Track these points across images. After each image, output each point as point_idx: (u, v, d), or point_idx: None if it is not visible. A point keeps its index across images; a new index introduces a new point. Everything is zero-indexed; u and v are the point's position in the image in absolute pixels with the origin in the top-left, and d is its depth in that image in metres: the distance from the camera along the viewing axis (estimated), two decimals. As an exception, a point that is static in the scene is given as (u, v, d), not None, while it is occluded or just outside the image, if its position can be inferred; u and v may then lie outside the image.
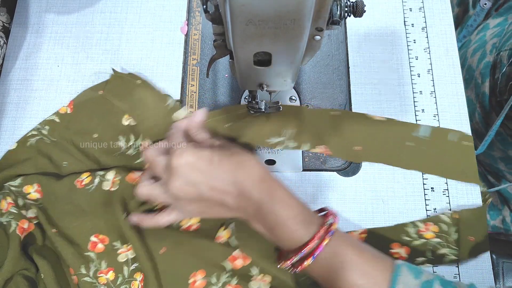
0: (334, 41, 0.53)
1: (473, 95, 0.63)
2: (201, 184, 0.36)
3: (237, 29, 0.28)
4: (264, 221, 0.37)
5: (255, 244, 0.42)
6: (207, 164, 0.37)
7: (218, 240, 0.43)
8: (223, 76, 0.52)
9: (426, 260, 0.44)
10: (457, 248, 0.44)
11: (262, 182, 0.37)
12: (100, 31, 0.54)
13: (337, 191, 0.47)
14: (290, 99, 0.50)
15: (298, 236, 0.36)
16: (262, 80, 0.38)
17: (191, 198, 0.37)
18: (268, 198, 0.37)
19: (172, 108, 0.48)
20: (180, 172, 0.36)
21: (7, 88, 0.51)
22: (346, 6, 0.32)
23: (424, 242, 0.44)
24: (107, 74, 0.50)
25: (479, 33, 0.66)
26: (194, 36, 0.54)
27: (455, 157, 0.47)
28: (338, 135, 0.47)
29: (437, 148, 0.47)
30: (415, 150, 0.47)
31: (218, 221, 0.44)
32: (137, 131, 0.47)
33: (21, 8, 0.55)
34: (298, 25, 0.28)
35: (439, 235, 0.45)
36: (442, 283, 0.34)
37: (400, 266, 0.35)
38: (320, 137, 0.47)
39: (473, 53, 0.64)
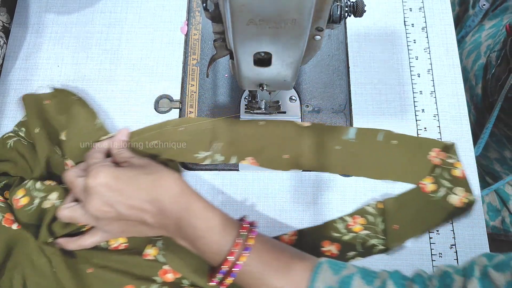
0: (334, 41, 0.53)
1: (468, 97, 0.63)
2: (118, 203, 0.36)
3: (237, 29, 0.28)
4: (185, 235, 0.38)
5: (183, 260, 0.42)
6: (123, 183, 0.37)
7: (146, 257, 0.43)
8: (223, 76, 0.52)
9: (356, 253, 0.44)
10: (384, 237, 0.44)
11: (179, 197, 0.37)
12: (100, 31, 0.54)
13: (337, 191, 0.47)
14: (290, 99, 0.50)
15: (219, 247, 0.36)
16: (262, 80, 0.38)
17: (110, 218, 0.38)
18: (186, 213, 0.37)
19: (98, 129, 0.48)
20: (96, 192, 0.37)
21: (7, 88, 0.51)
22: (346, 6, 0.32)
23: (354, 235, 0.45)
24: (50, 88, 0.50)
25: (474, 34, 0.67)
26: (194, 36, 0.54)
27: (384, 157, 0.47)
28: (265, 145, 0.47)
29: (365, 150, 0.47)
30: (343, 154, 0.47)
31: (146, 239, 0.44)
32: (63, 148, 0.47)
33: (21, 8, 0.55)
34: (299, 25, 0.28)
35: (367, 227, 0.45)
36: (363, 275, 0.34)
37: (322, 264, 0.35)
38: (247, 149, 0.47)
39: (468, 54, 0.64)
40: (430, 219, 0.45)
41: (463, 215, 0.45)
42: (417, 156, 0.47)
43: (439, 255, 0.44)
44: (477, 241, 0.45)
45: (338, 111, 0.50)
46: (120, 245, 0.44)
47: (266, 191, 0.47)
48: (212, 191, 0.47)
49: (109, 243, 0.44)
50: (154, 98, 0.51)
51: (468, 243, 0.45)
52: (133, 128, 0.49)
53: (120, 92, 0.51)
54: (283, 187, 0.47)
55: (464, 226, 0.45)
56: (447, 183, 0.45)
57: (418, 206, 0.45)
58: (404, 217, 0.45)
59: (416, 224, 0.45)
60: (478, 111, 0.62)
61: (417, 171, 0.46)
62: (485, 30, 0.65)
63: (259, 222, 0.46)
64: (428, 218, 0.45)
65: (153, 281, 0.42)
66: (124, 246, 0.44)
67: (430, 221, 0.45)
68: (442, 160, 0.46)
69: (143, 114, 0.50)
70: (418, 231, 0.44)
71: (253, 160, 0.47)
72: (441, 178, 0.46)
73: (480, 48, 0.63)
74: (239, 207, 0.47)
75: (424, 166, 0.46)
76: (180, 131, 0.47)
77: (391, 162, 0.47)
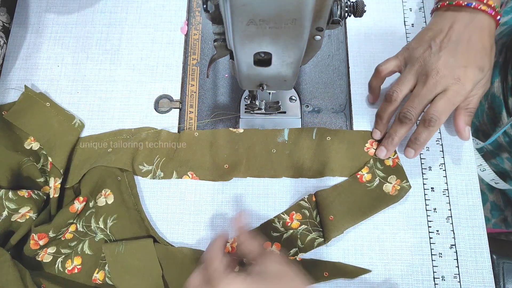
0: (334, 41, 0.53)
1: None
2: None
3: (238, 29, 0.28)
4: None
5: (128, 282, 0.42)
6: None
7: (95, 282, 0.44)
8: (223, 76, 0.52)
9: (297, 250, 0.44)
10: (321, 230, 0.44)
11: None
12: (100, 31, 0.54)
13: (337, 191, 0.47)
14: (290, 99, 0.50)
15: None
16: (262, 80, 0.38)
17: None
18: None
19: (78, 127, 0.48)
20: None
21: (6, 89, 0.51)
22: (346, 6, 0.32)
23: (292, 232, 0.45)
24: (20, 91, 0.50)
25: None
26: (194, 36, 0.54)
27: (321, 155, 0.47)
28: (202, 157, 0.47)
29: (300, 150, 0.47)
30: (279, 156, 0.47)
31: (95, 263, 0.44)
32: (44, 152, 0.47)
33: (21, 8, 0.55)
34: (299, 25, 0.28)
35: (304, 221, 0.45)
36: None
37: None
38: (186, 164, 0.47)
39: None
40: (367, 207, 0.45)
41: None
42: (353, 149, 0.47)
43: (439, 255, 0.44)
44: (477, 241, 0.45)
45: (338, 111, 0.50)
46: (74, 267, 0.44)
47: (266, 191, 0.47)
48: (212, 191, 0.47)
49: (65, 265, 0.44)
50: (154, 98, 0.51)
51: (468, 243, 0.45)
52: (133, 128, 0.49)
53: (120, 92, 0.51)
54: (283, 187, 0.47)
55: (464, 226, 0.45)
56: (380, 172, 0.46)
57: (355, 195, 0.45)
58: (340, 207, 0.45)
59: (353, 213, 0.45)
60: (492, 111, 0.61)
61: (356, 164, 0.47)
62: (498, 27, 0.64)
63: (258, 222, 0.46)
64: (365, 206, 0.45)
65: None
66: (77, 269, 0.44)
67: (367, 210, 0.45)
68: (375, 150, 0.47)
69: (143, 114, 0.50)
70: (355, 220, 0.45)
71: (193, 174, 0.47)
72: (375, 168, 0.46)
73: (495, 45, 0.61)
74: (239, 207, 0.47)
75: (361, 158, 0.47)
76: (128, 139, 0.48)
77: (328, 159, 0.47)
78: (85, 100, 0.51)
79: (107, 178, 0.46)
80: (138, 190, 0.46)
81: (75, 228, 0.45)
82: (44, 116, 0.49)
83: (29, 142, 0.48)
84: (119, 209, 0.45)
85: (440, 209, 0.46)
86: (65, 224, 0.44)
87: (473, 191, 0.47)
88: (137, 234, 0.45)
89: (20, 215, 0.43)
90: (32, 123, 0.48)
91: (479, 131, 0.60)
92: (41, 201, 0.45)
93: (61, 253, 0.44)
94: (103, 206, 0.46)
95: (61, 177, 0.46)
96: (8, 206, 0.43)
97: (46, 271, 0.44)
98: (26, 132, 0.48)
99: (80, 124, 0.49)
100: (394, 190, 0.45)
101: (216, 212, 0.46)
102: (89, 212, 0.46)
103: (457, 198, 0.47)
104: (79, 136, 0.49)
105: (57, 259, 0.44)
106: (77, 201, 0.45)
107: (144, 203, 0.46)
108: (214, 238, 0.39)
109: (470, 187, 0.47)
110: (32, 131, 0.48)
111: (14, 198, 0.43)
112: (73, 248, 0.45)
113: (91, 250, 0.44)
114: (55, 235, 0.44)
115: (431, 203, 0.46)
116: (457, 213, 0.46)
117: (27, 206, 0.43)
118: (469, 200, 0.47)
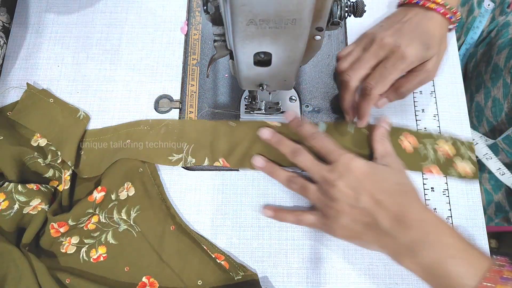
0: (334, 41, 0.53)
1: (500, 95, 0.61)
2: (365, 193, 0.36)
3: (238, 29, 0.28)
4: (423, 255, 0.34)
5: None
6: (379, 175, 0.37)
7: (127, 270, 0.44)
8: (223, 76, 0.52)
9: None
10: None
11: (428, 213, 0.36)
12: (100, 31, 0.54)
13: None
14: (290, 99, 0.50)
15: (473, 271, 0.33)
16: (262, 80, 0.38)
17: (348, 204, 0.37)
18: (434, 228, 0.35)
19: (83, 118, 0.49)
20: (349, 170, 0.37)
21: (9, 87, 0.51)
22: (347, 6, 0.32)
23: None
24: (22, 89, 0.50)
25: (501, 30, 0.65)
26: (194, 36, 0.54)
27: (357, 146, 0.47)
28: (236, 145, 0.47)
29: (338, 142, 0.47)
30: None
31: (122, 251, 0.45)
32: (52, 148, 0.48)
33: (21, 8, 0.55)
34: (299, 25, 0.28)
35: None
36: None
37: None
38: (217, 151, 0.47)
39: (499, 51, 0.62)
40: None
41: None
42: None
43: (439, 255, 0.45)
44: (477, 241, 0.45)
45: (338, 111, 0.50)
46: (100, 256, 0.44)
47: (266, 191, 0.47)
48: (212, 191, 0.47)
49: (90, 254, 0.44)
50: (154, 98, 0.51)
51: (468, 243, 0.45)
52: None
53: (120, 92, 0.51)
54: (283, 187, 0.47)
55: (464, 226, 0.45)
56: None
57: None
58: None
59: None
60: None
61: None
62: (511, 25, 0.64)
63: (259, 222, 0.46)
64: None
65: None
66: (103, 257, 0.44)
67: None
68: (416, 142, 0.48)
69: (143, 114, 0.50)
70: None
71: (224, 161, 0.47)
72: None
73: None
74: (239, 207, 0.47)
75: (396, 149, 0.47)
76: (147, 131, 0.48)
77: (367, 151, 0.47)
78: (85, 100, 0.51)
79: (128, 170, 0.47)
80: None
81: (98, 219, 0.46)
82: (49, 112, 0.49)
83: (35, 138, 0.48)
84: (142, 200, 0.46)
85: (440, 209, 0.46)
86: (83, 213, 0.45)
87: (473, 191, 0.47)
88: (162, 223, 0.45)
89: (32, 207, 0.44)
90: (38, 120, 0.48)
91: (496, 130, 0.60)
92: (50, 193, 0.45)
93: (85, 243, 0.45)
94: (126, 199, 0.46)
95: (70, 169, 0.46)
96: (18, 199, 0.43)
97: (70, 262, 0.44)
98: (32, 129, 0.48)
99: (85, 115, 0.49)
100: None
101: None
102: (112, 204, 0.46)
103: (457, 198, 0.47)
104: (86, 128, 0.49)
105: (81, 249, 0.45)
106: (95, 191, 0.45)
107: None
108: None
109: (470, 187, 0.47)
110: (38, 128, 0.48)
111: (24, 191, 0.43)
112: (96, 238, 0.45)
113: (115, 240, 0.45)
114: (75, 223, 0.44)
115: (431, 203, 0.46)
116: (457, 213, 0.46)
117: (37, 198, 0.44)
118: (469, 200, 0.47)
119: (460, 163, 0.47)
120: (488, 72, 0.62)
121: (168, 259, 0.44)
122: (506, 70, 0.59)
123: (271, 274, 0.44)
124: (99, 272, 0.44)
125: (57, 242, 0.45)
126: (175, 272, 0.44)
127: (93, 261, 0.44)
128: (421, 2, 0.44)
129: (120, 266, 0.44)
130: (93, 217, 0.46)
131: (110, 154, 0.47)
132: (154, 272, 0.44)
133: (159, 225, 0.45)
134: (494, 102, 0.61)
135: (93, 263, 0.44)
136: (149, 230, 0.45)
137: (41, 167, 0.47)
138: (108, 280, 0.44)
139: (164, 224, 0.45)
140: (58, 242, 0.45)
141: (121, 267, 0.44)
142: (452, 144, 0.48)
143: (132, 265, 0.44)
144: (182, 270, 0.44)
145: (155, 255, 0.44)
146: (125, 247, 0.45)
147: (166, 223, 0.45)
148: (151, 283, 0.43)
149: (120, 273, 0.44)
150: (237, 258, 0.45)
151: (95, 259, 0.44)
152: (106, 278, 0.44)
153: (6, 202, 0.43)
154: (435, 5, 0.43)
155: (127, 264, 0.44)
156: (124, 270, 0.44)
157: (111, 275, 0.44)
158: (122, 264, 0.44)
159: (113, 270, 0.44)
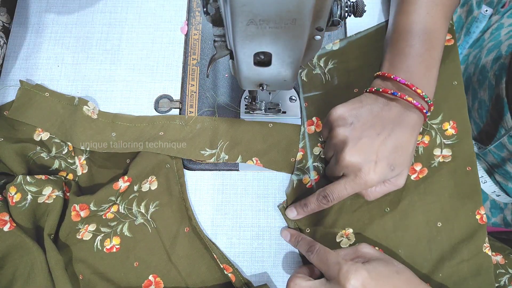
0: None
1: (486, 97, 0.61)
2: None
3: (238, 29, 0.28)
4: None
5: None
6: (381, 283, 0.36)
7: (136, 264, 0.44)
8: (223, 76, 0.52)
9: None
10: None
11: None
12: (100, 31, 0.54)
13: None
14: (290, 99, 0.50)
15: None
16: (262, 80, 0.38)
17: None
18: None
19: (79, 103, 0.49)
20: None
21: (7, 88, 0.51)
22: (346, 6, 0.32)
23: None
24: (15, 87, 0.50)
25: (493, 32, 0.65)
26: (194, 36, 0.54)
27: None
28: (271, 147, 0.48)
29: None
30: None
31: (135, 245, 0.45)
32: (56, 141, 0.48)
33: (21, 8, 0.55)
34: (299, 25, 0.28)
35: None
36: None
37: None
38: (253, 149, 0.47)
39: (487, 53, 0.63)
40: None
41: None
42: None
43: (439, 255, 0.45)
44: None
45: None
46: (113, 246, 0.45)
47: (266, 191, 0.47)
48: (212, 191, 0.47)
49: (104, 243, 0.44)
50: (154, 98, 0.51)
51: (468, 243, 0.45)
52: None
53: (120, 92, 0.51)
54: (283, 187, 0.47)
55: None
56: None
57: None
58: None
59: None
60: (498, 112, 0.61)
61: None
62: (504, 28, 0.64)
63: (259, 222, 0.46)
64: None
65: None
66: (116, 249, 0.45)
67: None
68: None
69: (143, 114, 0.50)
70: None
71: (257, 161, 0.47)
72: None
73: (501, 47, 0.61)
74: (239, 207, 0.47)
75: None
76: (182, 126, 0.48)
77: None
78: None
79: (156, 164, 0.47)
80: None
81: (117, 209, 0.46)
82: (47, 105, 0.49)
83: (37, 133, 0.48)
84: (163, 196, 0.46)
85: (440, 209, 0.46)
86: (106, 200, 0.45)
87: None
88: (178, 223, 0.45)
89: (46, 196, 0.44)
90: (37, 115, 0.48)
91: (483, 132, 0.60)
92: (60, 181, 0.45)
93: (101, 232, 0.45)
94: (147, 191, 0.46)
95: (83, 154, 0.47)
96: (29, 189, 0.43)
97: (84, 249, 0.44)
98: (33, 125, 0.48)
99: (80, 99, 0.49)
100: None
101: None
102: (133, 195, 0.46)
103: (457, 198, 0.47)
104: (83, 110, 0.48)
105: (97, 237, 0.45)
106: (121, 180, 0.45)
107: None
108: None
109: (470, 187, 0.47)
110: (39, 123, 0.48)
111: (33, 181, 0.43)
112: (112, 228, 0.45)
113: (130, 232, 0.45)
114: (96, 209, 0.45)
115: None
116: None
117: (48, 186, 0.44)
118: (469, 200, 0.46)
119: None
120: (476, 74, 0.62)
121: (177, 261, 0.44)
122: (492, 72, 0.60)
123: (271, 274, 0.44)
124: (110, 263, 0.44)
125: (74, 229, 0.44)
126: (181, 275, 0.44)
127: (106, 251, 0.44)
128: (398, 94, 0.41)
129: (130, 260, 0.44)
130: (113, 207, 0.46)
131: (142, 141, 0.47)
132: (161, 272, 0.44)
133: (174, 225, 0.45)
134: (480, 104, 0.61)
135: (106, 253, 0.44)
136: (164, 228, 0.45)
137: (45, 160, 0.47)
138: (116, 274, 0.43)
139: (179, 224, 0.45)
140: (75, 229, 0.44)
141: (131, 261, 0.44)
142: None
143: (141, 261, 0.44)
144: (189, 274, 0.44)
145: (165, 254, 0.44)
146: (138, 242, 0.45)
147: (181, 224, 0.45)
148: (157, 283, 0.43)
149: (129, 267, 0.44)
150: (241, 267, 0.45)
151: (108, 249, 0.44)
152: (115, 271, 0.44)
153: (19, 195, 0.43)
154: (413, 99, 0.41)
155: (137, 259, 0.44)
156: (133, 265, 0.44)
157: (120, 268, 0.44)
158: (132, 258, 0.44)
159: (123, 263, 0.44)
